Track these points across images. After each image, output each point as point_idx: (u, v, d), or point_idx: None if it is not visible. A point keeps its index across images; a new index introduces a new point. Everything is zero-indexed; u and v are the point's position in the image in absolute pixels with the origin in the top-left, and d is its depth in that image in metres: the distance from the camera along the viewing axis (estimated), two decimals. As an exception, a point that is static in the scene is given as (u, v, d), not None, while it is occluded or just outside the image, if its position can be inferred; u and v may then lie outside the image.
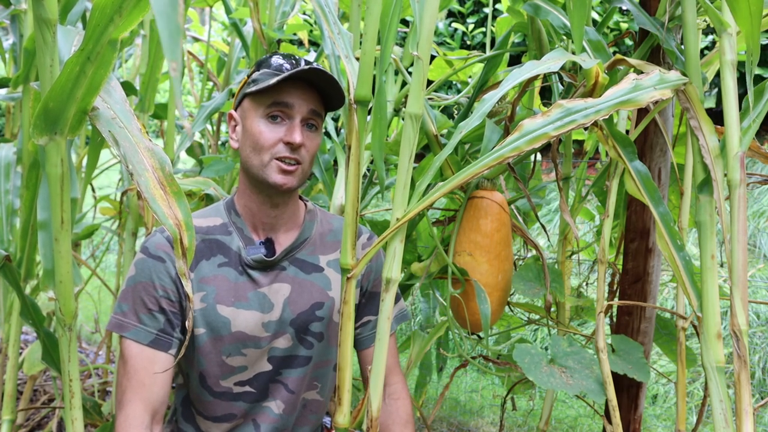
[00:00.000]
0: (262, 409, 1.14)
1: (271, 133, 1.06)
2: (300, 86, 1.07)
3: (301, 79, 1.07)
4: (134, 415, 1.01)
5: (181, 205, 0.82)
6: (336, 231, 1.22)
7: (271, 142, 1.06)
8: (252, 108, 1.08)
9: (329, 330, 1.17)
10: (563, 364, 1.09)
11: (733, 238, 0.91)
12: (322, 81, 1.08)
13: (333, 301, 1.17)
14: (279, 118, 1.07)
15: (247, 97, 1.10)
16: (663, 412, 2.92)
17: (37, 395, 2.49)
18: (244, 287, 1.10)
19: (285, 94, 1.06)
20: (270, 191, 1.09)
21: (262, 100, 1.07)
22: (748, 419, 0.87)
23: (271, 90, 1.06)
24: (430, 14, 0.92)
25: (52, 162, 0.89)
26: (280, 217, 1.14)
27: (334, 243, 1.21)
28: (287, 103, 1.06)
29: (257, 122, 1.07)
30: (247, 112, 1.09)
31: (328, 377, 1.21)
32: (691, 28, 1.00)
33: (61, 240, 0.93)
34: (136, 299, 1.05)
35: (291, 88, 1.07)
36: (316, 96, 1.10)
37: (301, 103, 1.07)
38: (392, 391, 1.22)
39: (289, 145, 1.06)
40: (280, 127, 1.07)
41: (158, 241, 1.09)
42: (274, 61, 1.09)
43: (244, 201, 1.14)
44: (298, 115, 1.07)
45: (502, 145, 0.93)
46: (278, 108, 1.06)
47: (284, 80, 1.05)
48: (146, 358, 1.03)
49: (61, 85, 0.81)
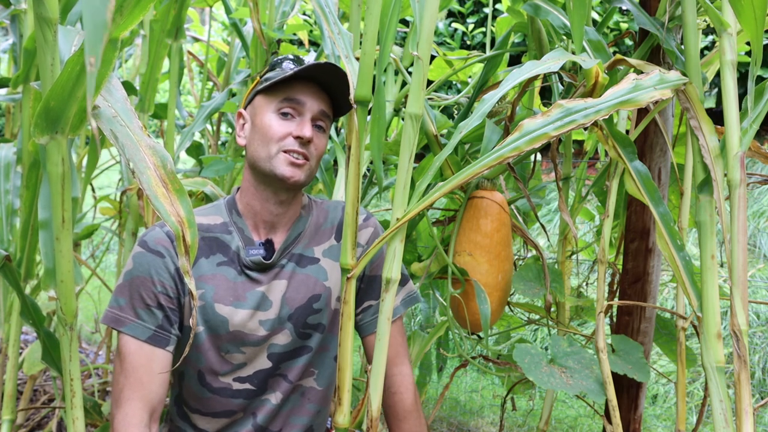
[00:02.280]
0: (261, 402, 1.14)
1: (281, 127, 1.07)
2: (312, 87, 1.09)
3: (313, 80, 1.09)
4: (133, 413, 1.00)
5: (183, 203, 0.82)
6: (330, 217, 1.22)
7: (281, 134, 1.07)
8: (264, 104, 1.10)
9: (328, 319, 1.16)
10: (563, 364, 1.09)
11: (733, 238, 0.91)
12: (335, 82, 1.09)
13: (330, 291, 1.16)
14: (290, 114, 1.08)
15: (258, 95, 1.11)
16: (663, 412, 2.92)
17: (37, 395, 2.48)
18: (243, 286, 1.10)
19: (297, 91, 1.08)
20: (276, 185, 1.09)
21: (275, 95, 1.08)
22: (748, 419, 0.87)
23: (284, 86, 1.08)
24: (430, 14, 0.92)
25: (53, 161, 0.89)
26: (283, 217, 1.14)
27: (329, 230, 1.20)
28: (299, 99, 1.08)
29: (268, 117, 1.08)
30: (257, 109, 1.11)
31: (326, 365, 1.19)
32: (691, 28, 1.00)
33: (62, 239, 0.93)
34: (134, 294, 1.04)
35: (303, 86, 1.09)
36: (326, 98, 1.12)
37: (313, 102, 1.09)
38: (391, 384, 1.17)
39: (299, 139, 1.07)
40: (291, 123, 1.08)
41: (157, 236, 1.08)
42: (286, 64, 1.11)
43: (247, 199, 1.13)
44: (308, 113, 1.09)
45: (502, 145, 0.93)
46: (290, 104, 1.08)
47: (297, 79, 1.07)
48: (144, 355, 1.02)
49: (62, 84, 0.81)
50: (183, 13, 1.75)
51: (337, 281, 1.17)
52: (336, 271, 1.17)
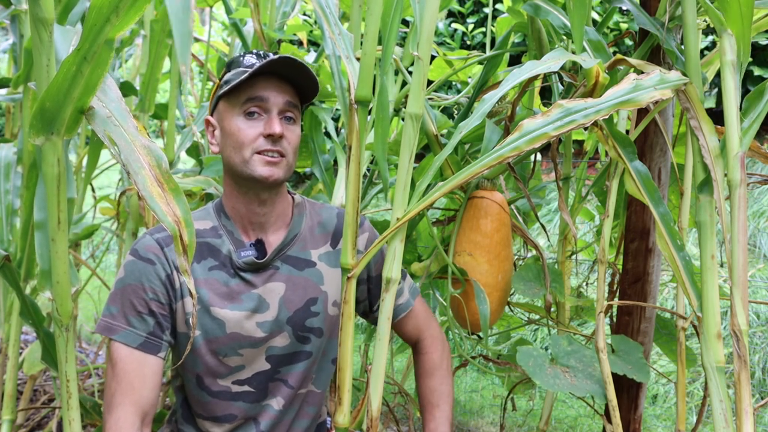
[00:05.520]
0: (263, 408, 1.14)
1: (250, 129, 1.05)
2: (272, 80, 1.06)
3: (273, 73, 1.06)
4: (124, 418, 1.00)
5: (179, 202, 0.81)
6: (324, 223, 1.21)
7: (251, 137, 1.05)
8: (227, 108, 1.07)
9: (326, 324, 1.16)
10: (565, 363, 1.09)
11: (733, 238, 0.91)
12: (294, 72, 1.06)
13: (326, 295, 1.16)
14: (256, 113, 1.06)
15: (221, 100, 1.09)
16: (663, 412, 2.91)
17: (37, 395, 2.48)
18: (237, 289, 1.10)
19: (258, 88, 1.05)
20: (256, 187, 1.08)
21: (237, 98, 1.06)
22: (748, 419, 0.87)
23: (244, 86, 1.05)
24: (430, 14, 0.92)
25: (48, 162, 0.89)
26: (269, 215, 1.13)
27: (324, 235, 1.19)
28: (262, 97, 1.05)
29: (234, 121, 1.06)
30: (223, 114, 1.09)
31: (324, 369, 1.20)
32: (691, 28, 1.00)
33: (58, 240, 0.93)
34: (125, 302, 1.04)
35: (264, 82, 1.06)
36: (289, 88, 1.09)
37: (276, 95, 1.06)
38: (420, 348, 1.24)
39: (269, 137, 1.04)
40: (258, 122, 1.06)
41: (147, 243, 1.08)
42: (243, 60, 1.09)
43: (232, 203, 1.13)
44: (274, 108, 1.06)
45: (501, 145, 0.93)
46: (253, 103, 1.05)
47: (256, 75, 1.04)
48: (135, 360, 1.03)
49: (57, 84, 0.81)
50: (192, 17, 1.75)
51: (334, 287, 1.17)
52: (332, 276, 1.17)
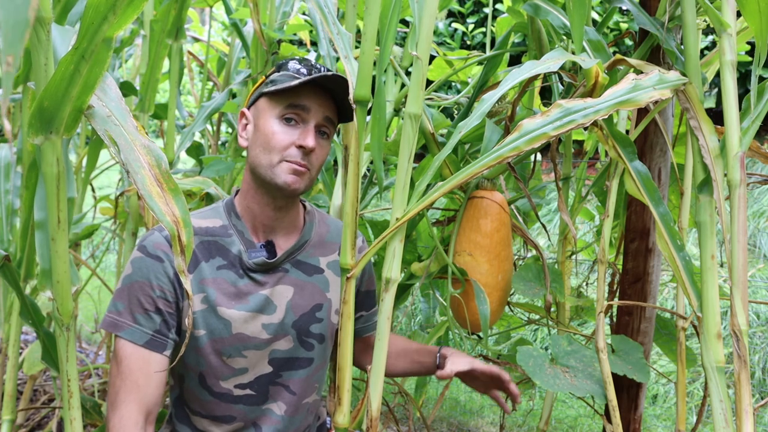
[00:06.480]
0: (263, 412, 1.14)
1: (284, 135, 1.06)
2: (318, 92, 1.07)
3: (320, 86, 1.07)
4: (128, 416, 1.00)
5: (178, 202, 0.81)
6: (332, 233, 1.23)
7: (284, 144, 1.05)
8: (268, 108, 1.08)
9: (328, 331, 1.17)
10: (565, 363, 1.09)
11: (733, 238, 0.91)
12: (340, 90, 1.07)
13: (330, 303, 1.17)
14: (294, 121, 1.06)
15: (263, 97, 1.09)
16: (663, 412, 2.91)
17: (37, 395, 2.48)
18: (245, 289, 1.10)
19: (303, 97, 1.06)
20: (276, 193, 1.08)
21: (280, 101, 1.06)
22: (748, 419, 0.87)
23: (290, 92, 1.06)
24: (430, 14, 0.92)
25: (47, 161, 0.89)
26: (281, 221, 1.14)
27: (332, 244, 1.22)
28: (304, 106, 1.06)
29: (271, 122, 1.06)
30: (261, 112, 1.09)
31: (325, 377, 1.23)
32: (691, 28, 1.00)
33: (58, 240, 0.93)
34: (132, 298, 1.04)
35: (309, 92, 1.06)
36: (332, 105, 1.10)
37: (318, 108, 1.07)
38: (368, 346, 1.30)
39: (301, 148, 1.05)
40: (294, 130, 1.06)
41: (157, 240, 1.08)
42: (293, 66, 1.09)
43: (247, 202, 1.13)
44: (313, 120, 1.07)
45: (501, 144, 0.92)
46: (294, 110, 1.06)
47: (304, 84, 1.05)
48: (141, 358, 1.02)
49: (55, 84, 0.80)
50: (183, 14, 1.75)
51: (338, 296, 1.18)
52: (337, 285, 1.18)
